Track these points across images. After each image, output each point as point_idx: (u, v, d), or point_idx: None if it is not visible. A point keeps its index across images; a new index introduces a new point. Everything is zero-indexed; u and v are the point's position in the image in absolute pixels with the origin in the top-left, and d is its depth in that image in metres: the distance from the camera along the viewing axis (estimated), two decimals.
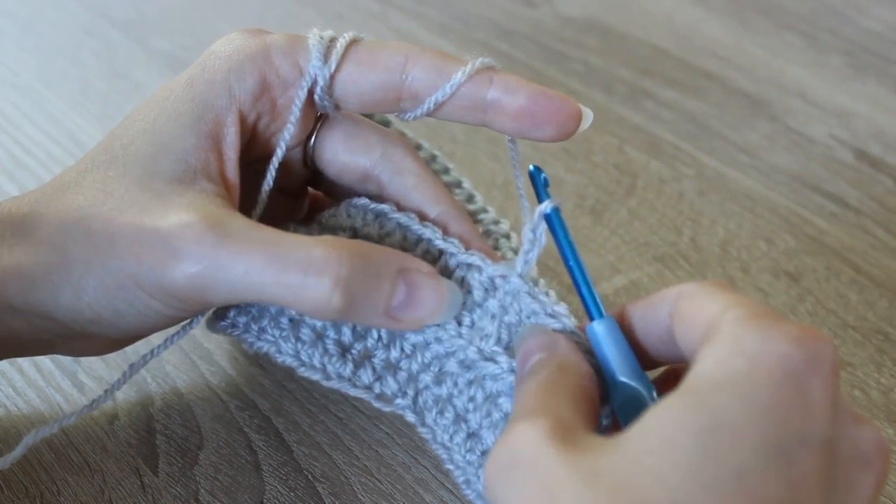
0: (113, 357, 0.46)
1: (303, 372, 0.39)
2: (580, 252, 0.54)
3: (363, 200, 0.41)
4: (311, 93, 0.39)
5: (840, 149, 0.63)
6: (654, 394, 0.34)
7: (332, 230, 0.40)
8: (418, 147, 0.48)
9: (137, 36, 0.72)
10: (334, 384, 0.39)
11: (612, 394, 0.35)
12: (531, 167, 0.39)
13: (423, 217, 0.40)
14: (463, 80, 0.38)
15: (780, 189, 0.59)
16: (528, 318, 0.37)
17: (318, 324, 0.39)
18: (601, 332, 0.35)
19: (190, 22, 0.74)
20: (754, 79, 0.69)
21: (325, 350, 0.39)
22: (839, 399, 0.30)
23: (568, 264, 0.37)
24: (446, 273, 0.39)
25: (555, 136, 0.38)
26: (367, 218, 0.40)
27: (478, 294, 0.38)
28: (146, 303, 0.37)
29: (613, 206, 0.58)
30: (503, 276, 0.38)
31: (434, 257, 0.39)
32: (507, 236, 0.48)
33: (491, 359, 0.37)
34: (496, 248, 0.44)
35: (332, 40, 0.39)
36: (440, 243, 0.39)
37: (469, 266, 0.39)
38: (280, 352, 0.39)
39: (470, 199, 0.48)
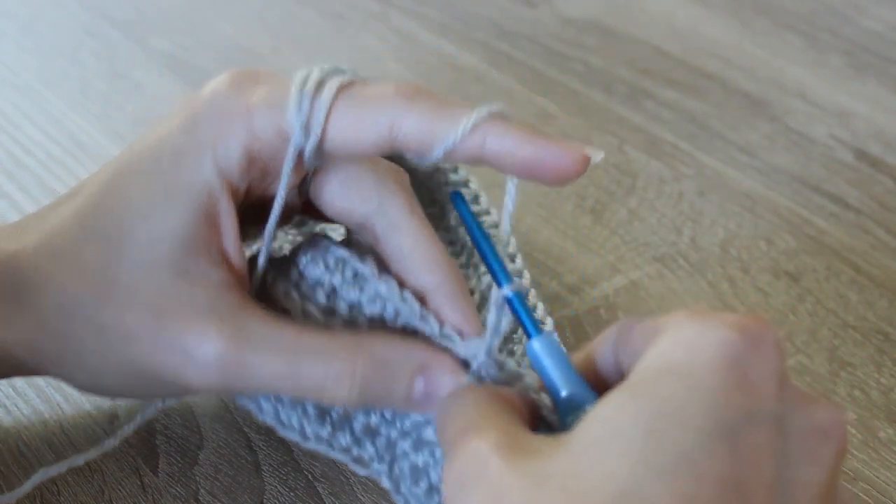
0: None
1: (282, 432, 0.40)
2: (582, 252, 0.54)
3: (342, 252, 0.38)
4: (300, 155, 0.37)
5: (840, 149, 0.63)
6: None
7: (311, 282, 0.39)
8: (454, 169, 0.47)
9: (137, 36, 0.72)
10: (312, 445, 0.40)
11: (560, 412, 0.34)
12: (451, 192, 0.37)
13: (413, 286, 0.38)
14: (454, 146, 0.36)
15: (780, 189, 0.59)
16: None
17: None
18: (538, 348, 0.34)
19: (190, 22, 0.74)
20: (754, 79, 0.69)
21: (304, 412, 0.39)
22: (786, 379, 0.30)
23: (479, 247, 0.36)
24: None
25: (559, 184, 0.37)
26: (346, 275, 0.38)
27: None
28: (157, 391, 0.39)
29: (613, 206, 0.58)
30: (472, 357, 0.36)
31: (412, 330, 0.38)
32: (521, 274, 0.47)
33: None
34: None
35: (318, 88, 0.36)
36: (417, 323, 0.37)
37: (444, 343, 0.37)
38: (261, 411, 0.40)
39: (495, 226, 0.48)
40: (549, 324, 0.46)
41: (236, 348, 0.36)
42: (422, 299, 0.38)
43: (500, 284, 0.36)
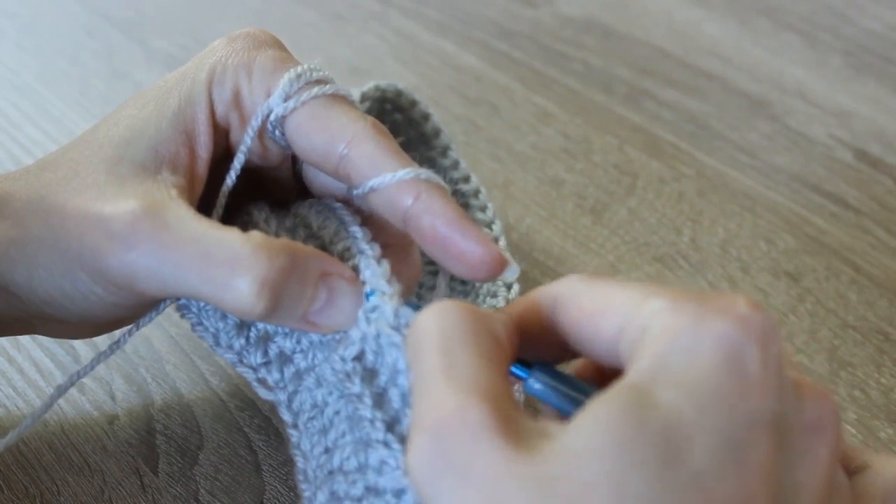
0: (112, 357, 0.47)
1: (197, 331, 0.39)
2: (582, 252, 0.54)
3: (329, 201, 0.40)
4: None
5: (840, 149, 0.63)
6: None
7: (284, 214, 0.40)
8: (455, 165, 0.50)
9: (137, 36, 0.72)
10: (221, 353, 0.39)
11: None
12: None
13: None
14: (382, 186, 0.37)
15: (780, 189, 0.59)
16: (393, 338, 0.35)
17: None
18: (539, 385, 0.32)
19: (190, 22, 0.74)
20: (754, 79, 0.69)
21: (224, 317, 0.39)
22: (783, 368, 0.28)
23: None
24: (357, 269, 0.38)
25: (464, 275, 0.37)
26: (320, 210, 0.40)
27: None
28: (89, 287, 0.37)
29: (613, 206, 0.58)
30: (375, 308, 0.36)
31: (352, 255, 0.38)
32: (496, 240, 0.48)
33: (346, 376, 0.35)
34: None
35: (312, 84, 0.38)
36: (361, 243, 0.38)
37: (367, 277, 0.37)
38: (188, 308, 0.39)
39: (475, 194, 0.49)
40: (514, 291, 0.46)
41: (152, 226, 0.35)
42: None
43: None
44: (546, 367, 0.32)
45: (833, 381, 0.48)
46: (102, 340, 0.47)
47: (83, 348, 0.47)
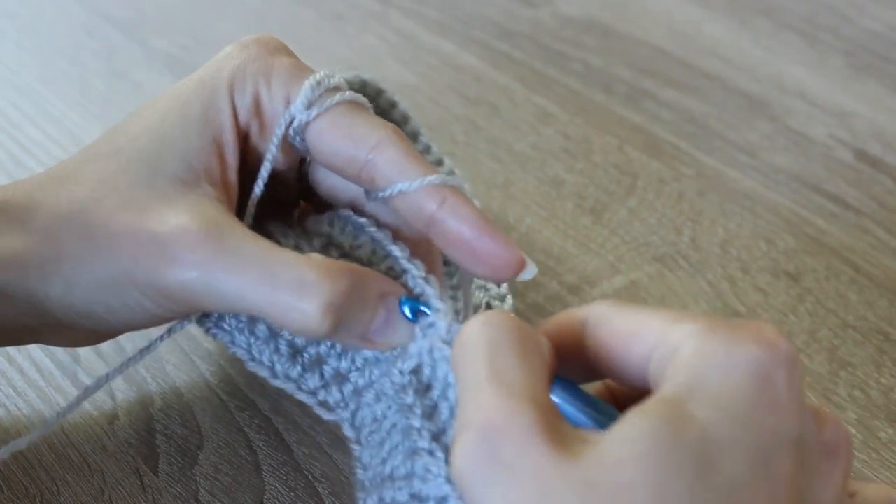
0: (113, 358, 0.47)
1: (252, 367, 0.39)
2: (582, 252, 0.54)
3: (346, 212, 0.40)
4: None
5: (840, 149, 0.63)
6: None
7: (309, 235, 0.40)
8: (439, 161, 0.49)
9: (137, 36, 0.72)
10: (280, 384, 0.39)
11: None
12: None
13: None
14: (410, 189, 0.37)
15: (780, 189, 0.59)
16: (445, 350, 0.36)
17: None
18: (558, 399, 0.32)
19: (190, 22, 0.74)
20: (754, 79, 0.69)
21: (277, 349, 0.39)
22: (803, 395, 0.30)
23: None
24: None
25: (487, 277, 0.38)
26: (347, 229, 0.40)
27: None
28: (138, 301, 0.37)
29: (613, 206, 0.58)
30: (432, 324, 0.37)
31: (397, 274, 0.39)
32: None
33: (402, 388, 0.36)
34: None
35: (331, 90, 0.39)
36: (404, 263, 0.39)
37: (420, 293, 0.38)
38: (233, 343, 0.40)
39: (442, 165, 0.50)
40: (508, 303, 0.46)
41: (212, 247, 0.35)
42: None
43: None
44: (566, 381, 0.33)
45: (833, 381, 0.48)
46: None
47: (83, 349, 0.47)
